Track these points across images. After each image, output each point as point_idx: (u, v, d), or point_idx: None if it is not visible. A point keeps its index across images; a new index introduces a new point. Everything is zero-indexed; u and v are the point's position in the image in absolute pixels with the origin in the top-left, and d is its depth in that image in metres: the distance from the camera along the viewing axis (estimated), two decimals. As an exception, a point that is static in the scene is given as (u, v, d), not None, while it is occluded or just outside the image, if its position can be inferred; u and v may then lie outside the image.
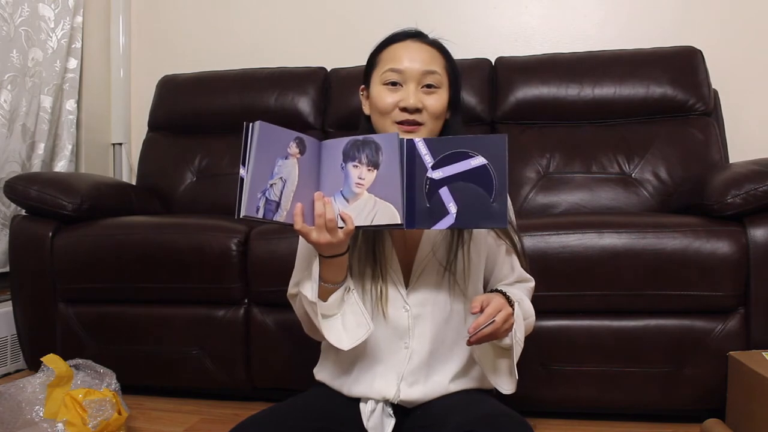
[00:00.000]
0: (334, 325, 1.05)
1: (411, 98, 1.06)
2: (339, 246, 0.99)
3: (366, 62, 1.15)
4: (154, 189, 2.36)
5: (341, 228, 0.97)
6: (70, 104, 2.44)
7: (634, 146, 2.07)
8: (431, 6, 2.47)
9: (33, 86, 2.27)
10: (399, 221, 0.95)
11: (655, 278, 1.50)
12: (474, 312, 0.96)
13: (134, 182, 2.51)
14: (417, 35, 1.12)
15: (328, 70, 2.40)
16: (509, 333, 1.02)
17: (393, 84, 1.08)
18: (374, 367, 1.10)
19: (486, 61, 2.29)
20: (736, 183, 1.51)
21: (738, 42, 2.27)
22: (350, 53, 2.29)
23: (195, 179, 2.36)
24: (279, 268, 1.51)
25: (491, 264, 1.16)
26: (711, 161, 2.01)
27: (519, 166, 2.10)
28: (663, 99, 2.09)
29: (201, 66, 2.54)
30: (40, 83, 2.31)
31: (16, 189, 1.88)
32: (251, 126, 0.92)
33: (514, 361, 1.04)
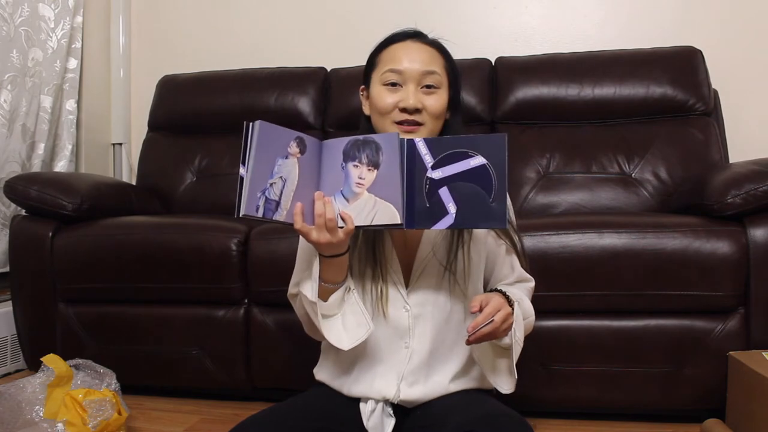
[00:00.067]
0: (335, 325, 1.05)
1: (411, 99, 1.06)
2: (339, 246, 0.99)
3: (366, 62, 1.15)
4: (154, 189, 2.36)
5: (341, 228, 0.97)
6: (70, 104, 2.44)
7: (634, 146, 2.07)
8: (431, 6, 2.47)
9: (33, 86, 2.27)
10: (399, 221, 0.95)
11: (655, 278, 1.50)
12: (473, 311, 0.96)
13: (134, 182, 2.51)
14: (416, 35, 1.12)
15: (328, 70, 2.40)
16: (508, 333, 1.02)
17: (393, 84, 1.08)
18: (374, 367, 1.10)
19: (486, 61, 2.29)
20: (736, 183, 1.51)
21: (738, 42, 2.27)
22: (350, 53, 2.29)
23: (195, 179, 2.36)
24: (279, 268, 1.51)
25: (491, 264, 1.16)
26: (711, 161, 2.01)
27: (519, 166, 2.10)
28: (663, 99, 2.09)
29: (201, 66, 2.54)
30: (40, 83, 2.31)
31: (16, 189, 1.88)
32: (251, 125, 0.92)
33: (514, 361, 1.04)
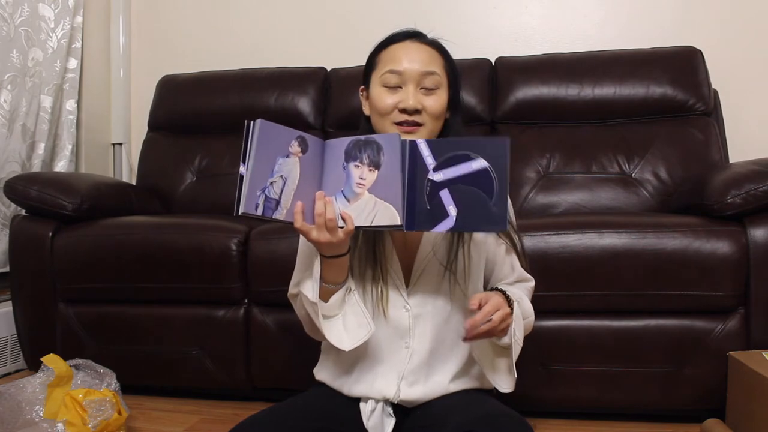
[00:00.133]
0: (335, 326, 1.05)
1: (410, 100, 1.06)
2: (339, 246, 0.99)
3: (365, 62, 1.15)
4: (154, 189, 2.36)
5: (341, 227, 0.97)
6: (70, 104, 2.44)
7: (634, 146, 2.07)
8: (431, 6, 2.47)
9: (33, 86, 2.27)
10: (399, 222, 0.95)
11: (655, 278, 1.50)
12: (472, 308, 0.96)
13: (134, 182, 2.51)
14: (416, 35, 1.12)
15: (328, 70, 2.40)
16: (507, 332, 1.02)
17: (392, 86, 1.08)
18: (375, 367, 1.10)
19: (486, 61, 2.29)
20: (736, 183, 1.51)
21: (738, 42, 2.27)
22: (350, 53, 2.29)
23: (195, 179, 2.36)
24: (279, 268, 1.51)
25: (491, 264, 1.16)
26: (711, 161, 2.01)
27: (519, 166, 2.10)
28: (663, 99, 2.09)
29: (201, 66, 2.54)
30: (40, 83, 2.30)
31: (16, 189, 1.88)
32: (252, 124, 0.92)
33: (513, 360, 1.04)
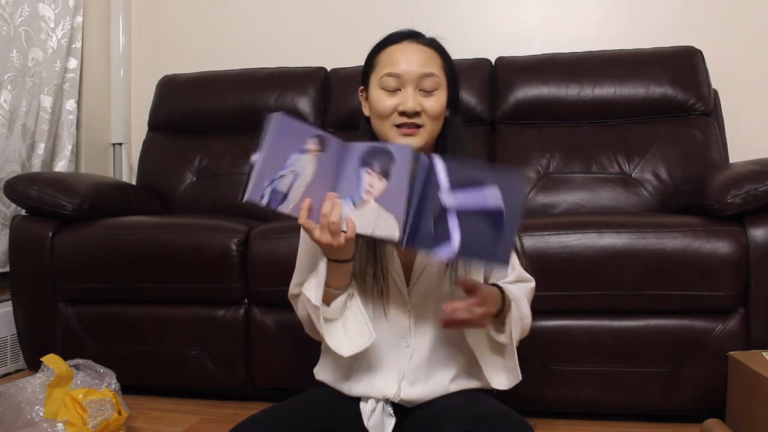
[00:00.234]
0: (336, 331, 1.05)
1: (409, 102, 1.05)
2: (340, 250, 0.98)
3: (363, 63, 1.15)
4: (154, 189, 2.35)
5: (344, 232, 0.95)
6: (70, 104, 2.44)
7: (634, 146, 2.07)
8: (431, 6, 2.46)
9: (33, 86, 2.27)
10: (397, 237, 0.92)
11: (655, 278, 1.50)
12: (458, 285, 0.96)
13: (134, 182, 2.50)
14: (413, 36, 1.11)
15: (328, 70, 2.40)
16: (486, 325, 1.02)
17: (391, 89, 1.08)
18: (375, 366, 1.10)
19: (486, 61, 2.28)
20: (736, 183, 1.51)
21: (738, 42, 2.27)
22: (350, 53, 2.28)
23: (195, 179, 2.36)
24: (279, 268, 1.51)
25: (491, 263, 1.16)
26: (711, 161, 2.01)
27: (519, 167, 2.09)
28: (663, 99, 2.09)
29: (201, 66, 2.54)
30: (40, 83, 2.30)
31: (16, 189, 1.88)
32: (270, 116, 0.92)
33: (509, 360, 1.05)
